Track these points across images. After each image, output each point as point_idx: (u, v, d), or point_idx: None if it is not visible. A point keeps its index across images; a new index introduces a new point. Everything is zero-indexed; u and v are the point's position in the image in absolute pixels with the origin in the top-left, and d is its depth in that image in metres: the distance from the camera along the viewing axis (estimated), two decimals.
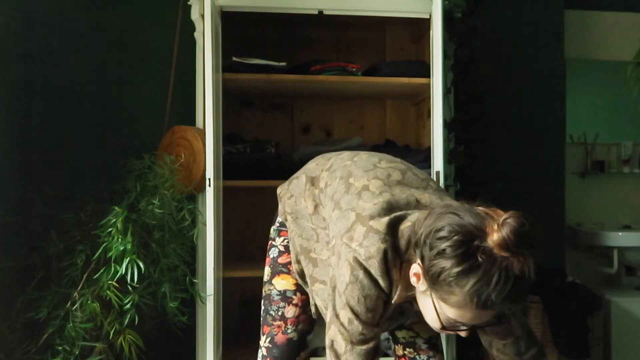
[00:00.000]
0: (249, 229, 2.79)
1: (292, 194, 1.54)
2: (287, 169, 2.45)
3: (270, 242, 1.62)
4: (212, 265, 2.12)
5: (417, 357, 1.56)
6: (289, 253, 1.55)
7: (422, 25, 2.63)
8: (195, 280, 2.19)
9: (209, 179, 2.12)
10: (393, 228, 1.23)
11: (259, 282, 1.64)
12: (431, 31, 2.30)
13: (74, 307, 1.95)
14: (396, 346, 1.61)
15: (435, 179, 2.26)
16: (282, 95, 2.84)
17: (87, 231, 2.06)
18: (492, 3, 2.84)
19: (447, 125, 2.50)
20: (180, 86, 2.55)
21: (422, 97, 2.70)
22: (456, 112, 2.61)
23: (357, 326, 1.24)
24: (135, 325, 1.97)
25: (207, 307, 2.12)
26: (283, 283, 1.54)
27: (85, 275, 2.00)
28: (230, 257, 2.59)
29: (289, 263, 1.54)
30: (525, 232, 1.09)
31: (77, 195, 2.19)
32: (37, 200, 2.19)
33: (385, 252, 1.21)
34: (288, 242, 1.55)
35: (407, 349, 1.57)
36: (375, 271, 1.22)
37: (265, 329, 1.55)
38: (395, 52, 2.93)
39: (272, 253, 1.59)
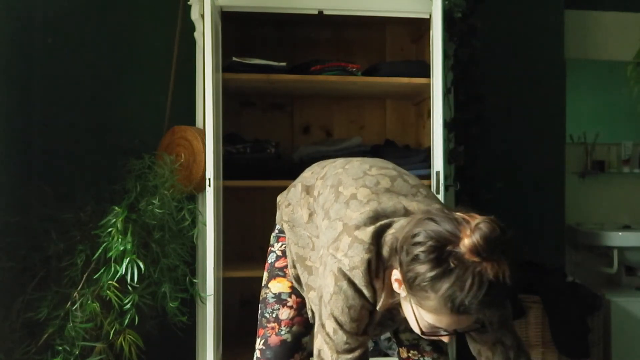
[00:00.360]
0: (249, 229, 2.79)
1: (289, 202, 1.56)
2: (287, 169, 2.46)
3: (269, 248, 1.63)
4: (212, 265, 2.12)
5: (421, 358, 1.56)
6: (285, 257, 1.56)
7: (422, 25, 2.63)
8: (195, 280, 2.19)
9: (209, 179, 2.12)
10: (378, 237, 1.24)
11: (259, 282, 1.64)
12: (431, 31, 2.30)
13: (74, 307, 1.95)
14: (400, 349, 1.61)
15: (435, 179, 2.26)
16: (282, 95, 2.84)
17: (87, 231, 2.06)
18: (492, 3, 2.85)
19: (447, 125, 2.50)
20: (180, 86, 2.55)
21: (422, 97, 2.70)
22: (456, 112, 2.61)
23: (341, 336, 1.26)
24: (135, 325, 1.97)
25: (207, 307, 2.12)
26: (278, 286, 1.55)
27: (85, 275, 2.00)
28: (230, 257, 2.59)
29: (286, 267, 1.55)
30: (495, 238, 1.09)
31: (77, 195, 2.19)
32: (37, 200, 2.19)
33: (369, 262, 1.22)
34: (285, 247, 1.56)
35: (412, 351, 1.58)
36: (360, 281, 1.23)
37: (260, 331, 1.56)
38: (395, 52, 2.93)
39: (270, 258, 1.61)
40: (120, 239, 1.92)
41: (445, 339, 1.23)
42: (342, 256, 1.24)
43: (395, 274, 1.20)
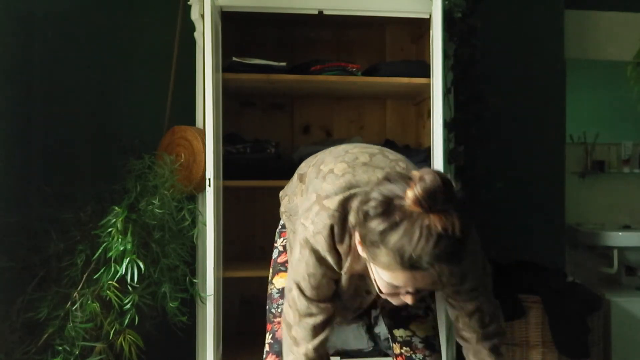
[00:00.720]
0: (249, 229, 2.79)
1: (286, 194, 1.60)
2: (287, 169, 2.44)
3: (274, 244, 1.67)
4: (212, 265, 2.12)
5: (413, 356, 1.58)
6: (287, 252, 1.58)
7: (422, 25, 2.63)
8: (195, 280, 2.19)
9: (209, 179, 2.12)
10: (345, 204, 1.27)
11: (259, 282, 1.65)
12: (431, 31, 2.30)
13: (74, 307, 1.95)
14: (394, 345, 1.63)
15: None
16: (282, 95, 2.84)
17: (87, 231, 2.06)
18: (492, 3, 2.84)
19: (447, 125, 2.50)
20: (180, 86, 2.55)
21: (422, 97, 2.70)
22: (456, 112, 2.61)
23: (303, 302, 1.32)
24: (135, 325, 1.97)
25: (207, 307, 2.13)
26: (281, 281, 1.58)
27: (85, 275, 2.00)
28: (230, 257, 2.59)
29: (287, 261, 1.57)
30: (436, 189, 1.08)
31: (77, 195, 2.19)
32: (37, 200, 2.19)
33: (331, 228, 1.26)
34: (286, 241, 1.59)
35: (404, 348, 1.59)
36: (322, 247, 1.27)
37: (268, 326, 1.59)
38: (395, 52, 2.93)
39: (274, 254, 1.65)
40: (120, 239, 1.92)
41: (408, 300, 1.23)
42: (310, 224, 1.28)
43: (357, 237, 1.22)
